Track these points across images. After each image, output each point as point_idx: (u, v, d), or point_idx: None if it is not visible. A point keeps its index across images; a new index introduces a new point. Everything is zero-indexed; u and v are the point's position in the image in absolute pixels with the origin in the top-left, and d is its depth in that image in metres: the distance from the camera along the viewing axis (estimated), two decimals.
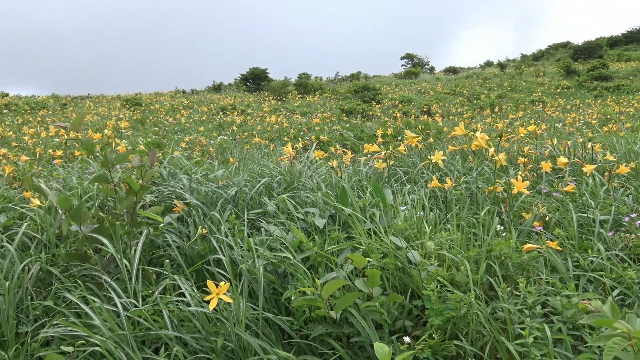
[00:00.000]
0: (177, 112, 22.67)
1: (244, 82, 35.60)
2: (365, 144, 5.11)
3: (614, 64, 37.87)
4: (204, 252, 2.75)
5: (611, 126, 11.68)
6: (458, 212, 3.17)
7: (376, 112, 22.06)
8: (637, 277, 2.25)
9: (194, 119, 20.32)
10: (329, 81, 43.69)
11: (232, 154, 8.05)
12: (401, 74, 44.83)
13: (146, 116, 21.28)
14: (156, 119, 19.98)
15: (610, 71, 32.23)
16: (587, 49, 45.54)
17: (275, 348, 1.99)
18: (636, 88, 26.96)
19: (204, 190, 3.64)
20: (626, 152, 5.64)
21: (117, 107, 25.43)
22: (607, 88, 27.37)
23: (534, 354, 1.75)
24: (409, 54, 53.31)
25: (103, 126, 14.80)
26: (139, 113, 22.58)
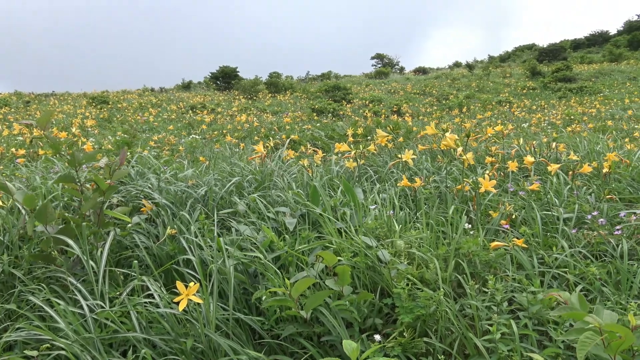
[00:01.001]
0: (146, 111, 22.30)
1: (214, 81, 35.25)
2: (336, 143, 5.12)
3: (577, 66, 38.95)
4: (173, 252, 2.71)
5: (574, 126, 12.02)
6: (427, 211, 3.21)
7: (347, 112, 22.16)
8: (598, 273, 2.32)
9: (162, 118, 20.04)
10: (299, 80, 43.67)
11: (202, 153, 7.97)
12: (371, 73, 45.11)
13: (113, 114, 20.88)
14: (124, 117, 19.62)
15: (573, 73, 33.13)
16: (551, 51, 46.74)
17: (246, 348, 1.98)
18: (598, 90, 27.79)
19: (173, 190, 3.59)
20: (589, 151, 5.81)
21: (83, 105, 24.85)
22: (571, 89, 28.12)
23: (501, 349, 1.79)
24: (379, 54, 53.74)
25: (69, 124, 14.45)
26: (106, 111, 22.13)
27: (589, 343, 1.32)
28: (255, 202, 3.23)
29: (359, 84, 36.88)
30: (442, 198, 3.74)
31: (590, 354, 1.46)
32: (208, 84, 36.33)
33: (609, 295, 2.20)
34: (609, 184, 4.02)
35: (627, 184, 4.04)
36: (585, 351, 1.30)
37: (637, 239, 2.77)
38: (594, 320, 1.37)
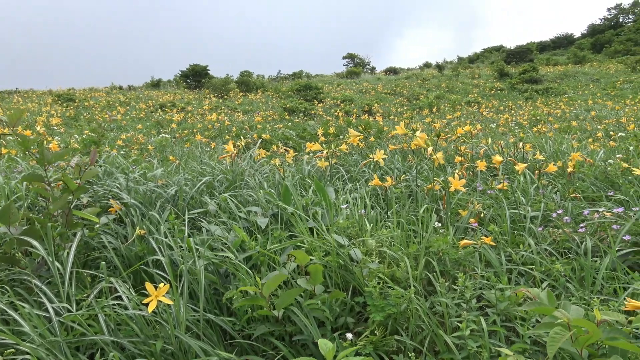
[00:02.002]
0: (114, 109, 21.88)
1: (184, 79, 34.79)
2: (307, 143, 5.13)
3: (543, 67, 39.89)
4: (142, 253, 2.67)
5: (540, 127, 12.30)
6: (398, 210, 3.23)
7: (318, 111, 22.17)
8: (563, 269, 2.38)
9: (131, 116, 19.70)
10: (271, 79, 43.49)
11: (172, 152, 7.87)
12: (343, 73, 45.26)
13: (80, 113, 20.41)
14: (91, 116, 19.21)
15: (539, 74, 33.89)
16: (518, 52, 47.77)
17: (217, 349, 1.96)
18: (563, 91, 28.51)
19: (143, 190, 3.54)
20: (554, 151, 5.96)
21: (49, 102, 24.22)
22: (537, 90, 28.78)
23: (471, 345, 1.82)
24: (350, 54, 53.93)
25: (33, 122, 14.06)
26: (73, 109, 21.61)
27: (559, 338, 1.35)
28: (227, 201, 3.20)
29: (331, 83, 36.95)
30: (413, 197, 3.78)
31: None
32: (178, 82, 35.84)
33: (573, 291, 2.26)
34: (573, 183, 4.13)
35: (590, 183, 4.15)
36: (556, 347, 1.33)
37: (600, 236, 2.85)
38: (563, 316, 1.40)
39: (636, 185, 3.86)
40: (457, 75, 37.75)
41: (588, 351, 1.46)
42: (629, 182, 3.94)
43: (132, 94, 30.43)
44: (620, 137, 8.60)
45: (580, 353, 1.43)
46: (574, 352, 1.45)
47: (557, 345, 1.34)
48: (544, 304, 1.56)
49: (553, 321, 1.43)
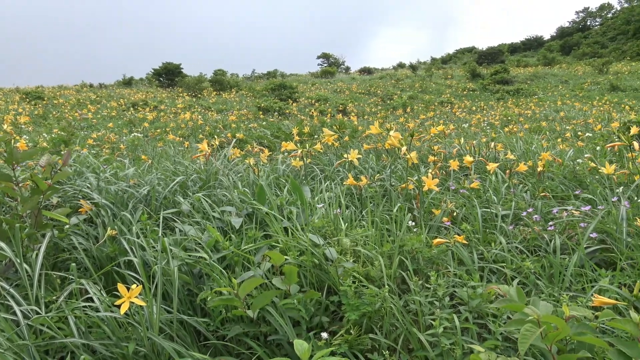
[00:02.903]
0: (84, 107, 21.44)
1: (157, 77, 34.32)
2: (282, 142, 5.12)
3: (514, 69, 40.65)
4: (113, 254, 2.63)
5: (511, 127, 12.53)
6: (373, 209, 3.25)
7: (293, 111, 22.15)
8: (533, 267, 2.43)
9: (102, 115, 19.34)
10: (245, 78, 43.28)
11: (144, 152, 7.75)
12: (317, 73, 45.30)
13: (49, 111, 19.96)
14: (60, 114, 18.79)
15: (510, 75, 34.52)
16: (490, 54, 48.58)
17: (191, 350, 1.94)
18: (533, 92, 29.09)
19: (114, 190, 3.48)
20: (524, 151, 6.08)
21: (16, 100, 23.60)
22: (508, 91, 29.30)
23: (444, 343, 1.84)
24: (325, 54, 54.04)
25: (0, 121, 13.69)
26: (41, 107, 21.11)
27: (530, 335, 1.38)
28: (200, 201, 3.17)
29: (305, 83, 36.95)
30: (387, 196, 3.81)
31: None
32: (150, 80, 35.35)
33: (543, 288, 2.31)
34: (543, 182, 4.22)
35: (559, 182, 4.25)
36: (527, 344, 1.35)
37: (568, 234, 2.92)
38: (533, 312, 1.43)
39: (603, 184, 3.97)
40: (431, 76, 38.18)
41: (557, 347, 1.49)
42: (596, 182, 4.04)
43: (104, 92, 29.90)
44: (588, 138, 8.82)
45: (550, 349, 1.46)
46: (544, 348, 1.48)
47: (528, 342, 1.36)
48: (515, 301, 1.59)
49: (523, 318, 1.46)
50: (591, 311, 1.55)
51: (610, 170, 3.62)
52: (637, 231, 2.81)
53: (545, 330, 1.42)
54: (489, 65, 42.25)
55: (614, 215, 2.93)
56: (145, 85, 35.36)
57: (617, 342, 1.44)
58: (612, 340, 1.45)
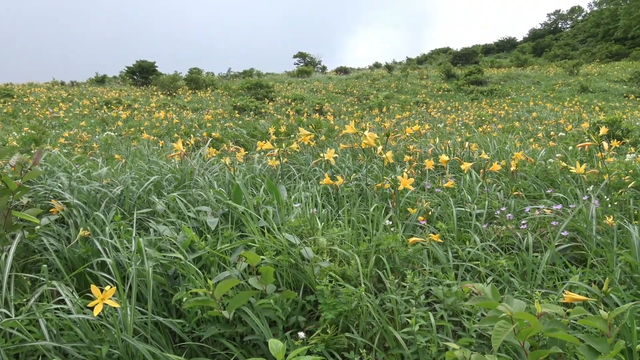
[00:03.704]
0: (55, 106, 20.99)
1: (131, 75, 33.81)
2: (258, 142, 5.09)
3: (488, 70, 41.25)
4: (86, 255, 2.58)
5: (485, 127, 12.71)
6: (349, 209, 3.26)
7: (269, 110, 22.07)
8: (507, 265, 2.47)
9: (74, 113, 18.96)
10: (221, 77, 42.96)
11: (118, 151, 7.63)
12: (294, 72, 45.24)
13: (19, 109, 19.47)
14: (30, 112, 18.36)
15: (484, 76, 35.02)
16: (464, 55, 49.23)
17: (166, 352, 1.92)
18: (506, 92, 29.57)
19: (87, 189, 3.41)
20: (498, 151, 6.17)
21: None
22: (482, 92, 29.73)
23: (420, 340, 1.86)
24: (301, 53, 53.99)
25: None
26: (10, 105, 20.59)
27: (503, 332, 1.40)
28: (175, 201, 3.14)
29: (282, 82, 36.87)
30: (364, 196, 3.82)
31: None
32: (124, 78, 34.80)
33: (517, 285, 2.35)
34: (516, 182, 4.30)
35: (531, 181, 4.33)
36: (500, 340, 1.38)
37: (540, 233, 2.98)
38: (506, 309, 1.45)
39: (573, 183, 4.05)
40: (406, 76, 38.48)
41: (529, 343, 1.52)
42: (567, 181, 4.13)
43: (76, 90, 29.32)
44: (560, 137, 9.01)
45: (523, 345, 1.49)
46: (517, 344, 1.51)
47: (501, 338, 1.38)
48: (489, 299, 1.62)
49: (497, 315, 1.48)
50: (562, 308, 1.58)
51: (581, 169, 3.71)
52: (607, 229, 2.88)
53: (518, 327, 1.45)
54: (464, 66, 42.81)
55: (584, 213, 3.00)
56: (118, 84, 34.79)
57: (587, 338, 1.47)
58: (582, 337, 1.49)
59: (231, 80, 39.70)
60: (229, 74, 45.08)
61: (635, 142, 7.50)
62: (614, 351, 1.39)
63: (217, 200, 3.27)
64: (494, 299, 1.61)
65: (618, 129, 8.25)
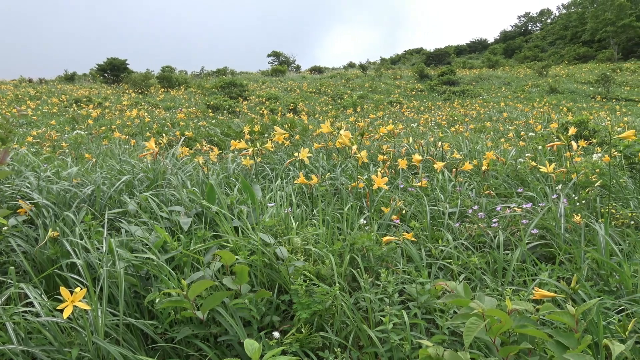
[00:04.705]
0: (23, 103, 20.47)
1: (101, 73, 33.20)
2: (232, 141, 5.06)
3: (460, 70, 41.85)
4: (55, 256, 2.52)
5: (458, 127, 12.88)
6: (324, 208, 3.27)
7: (243, 109, 21.94)
8: (479, 263, 2.51)
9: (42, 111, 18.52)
10: (194, 75, 42.54)
11: (88, 150, 7.49)
12: (268, 71, 45.11)
13: None
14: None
15: (457, 77, 35.51)
16: (437, 55, 49.82)
17: (138, 354, 1.89)
18: (478, 93, 30.04)
19: (56, 189, 3.34)
20: (470, 150, 6.26)
21: None
22: (454, 92, 30.14)
23: (393, 338, 1.88)
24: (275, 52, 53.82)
25: None
26: None
27: (475, 328, 1.42)
28: (147, 201, 3.10)
29: (256, 81, 36.70)
30: (338, 195, 3.84)
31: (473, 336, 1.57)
32: (94, 76, 34.16)
33: (488, 283, 2.39)
34: (487, 181, 4.37)
35: (503, 181, 4.41)
36: (472, 336, 1.40)
37: (511, 231, 3.04)
38: (477, 306, 1.48)
39: (543, 182, 4.14)
40: (380, 76, 38.74)
41: (500, 339, 1.54)
42: (537, 180, 4.21)
43: (44, 87, 28.64)
44: (530, 137, 9.18)
45: (494, 341, 1.51)
46: (488, 340, 1.53)
47: (472, 335, 1.41)
48: (461, 296, 1.64)
49: (469, 312, 1.50)
50: (532, 304, 1.61)
51: (550, 169, 3.79)
52: (574, 227, 2.95)
53: (489, 324, 1.47)
54: (436, 67, 43.33)
55: (553, 212, 3.07)
56: (88, 81, 34.12)
57: (555, 334, 1.51)
58: (551, 332, 1.52)
59: (204, 78, 39.34)
60: (202, 72, 44.66)
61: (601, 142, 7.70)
62: (582, 346, 1.42)
63: (191, 200, 3.24)
64: (466, 297, 1.63)
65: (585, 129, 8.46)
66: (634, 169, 4.76)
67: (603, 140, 7.83)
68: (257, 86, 33.24)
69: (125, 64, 32.95)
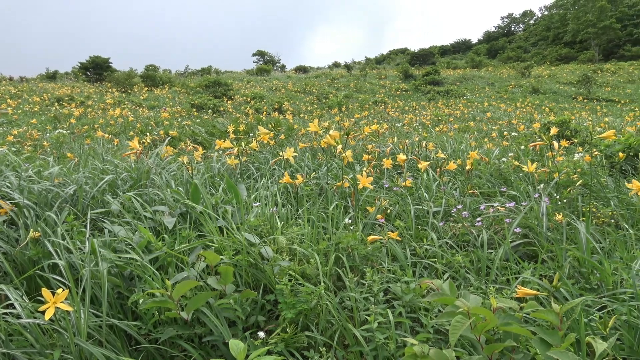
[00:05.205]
0: (3, 102, 20.14)
1: (84, 72, 32.78)
2: (217, 140, 5.03)
3: (444, 70, 42.15)
4: (36, 257, 2.48)
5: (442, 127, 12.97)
6: (309, 207, 3.27)
7: (228, 108, 21.83)
8: (463, 261, 2.53)
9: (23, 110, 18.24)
10: (178, 74, 42.24)
11: (70, 149, 7.39)
12: (253, 70, 44.97)
13: None
14: None
15: (441, 77, 35.75)
16: (422, 55, 50.10)
17: (121, 355, 1.88)
18: (462, 93, 30.28)
19: (37, 189, 3.29)
20: (454, 150, 6.31)
21: None
22: (439, 92, 30.35)
23: (378, 337, 1.88)
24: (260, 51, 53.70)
25: None
26: None
27: (461, 326, 1.43)
28: (131, 201, 3.07)
29: (240, 80, 36.56)
30: (323, 194, 3.84)
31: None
32: (77, 74, 33.74)
33: (472, 281, 2.40)
34: (471, 180, 4.40)
35: (486, 180, 4.44)
36: (458, 334, 1.41)
37: (494, 230, 3.06)
38: (463, 305, 1.49)
39: (526, 181, 4.19)
40: (365, 76, 38.84)
41: (485, 337, 1.56)
42: (520, 179, 4.26)
43: (25, 86, 28.20)
44: (513, 137, 9.28)
45: (479, 339, 1.52)
46: (473, 338, 1.54)
47: (459, 333, 1.42)
48: (446, 295, 1.65)
49: (455, 310, 1.51)
50: (516, 302, 1.63)
51: (532, 168, 3.83)
52: (556, 226, 2.99)
53: (474, 322, 1.49)
54: (421, 67, 43.57)
55: (535, 211, 3.10)
56: (71, 80, 33.70)
57: (539, 331, 1.52)
58: (535, 329, 1.54)
59: (189, 77, 39.08)
60: (186, 71, 44.38)
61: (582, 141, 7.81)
62: (565, 343, 1.44)
63: (175, 199, 3.22)
64: (452, 295, 1.64)
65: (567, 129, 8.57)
66: (614, 168, 4.84)
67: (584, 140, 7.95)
68: (242, 85, 33.11)
69: (109, 63, 32.59)
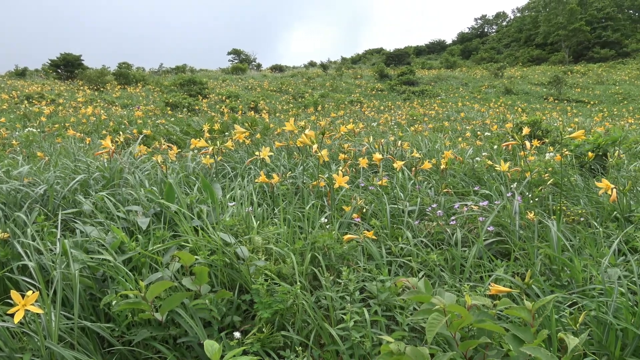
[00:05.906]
0: None
1: (55, 69, 32.06)
2: (192, 139, 4.99)
3: (419, 71, 42.54)
4: (5, 259, 2.42)
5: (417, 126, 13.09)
6: (285, 207, 3.26)
7: (203, 107, 21.62)
8: (438, 260, 2.56)
9: None
10: (152, 72, 41.69)
11: (40, 148, 7.23)
12: (228, 69, 44.64)
13: None
14: None
15: (416, 77, 36.07)
16: (397, 55, 50.45)
17: (94, 358, 1.84)
18: (436, 93, 30.61)
19: (6, 189, 3.21)
20: (429, 149, 6.37)
21: None
22: (414, 92, 30.61)
23: (354, 336, 1.89)
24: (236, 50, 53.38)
25: None
26: None
27: (437, 323, 1.45)
28: (104, 200, 3.01)
29: (216, 79, 36.27)
30: (299, 194, 3.83)
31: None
32: (47, 72, 32.98)
33: (447, 279, 2.43)
34: (445, 179, 4.45)
35: (460, 179, 4.50)
36: (434, 331, 1.42)
37: (468, 228, 3.11)
38: (439, 302, 1.50)
39: (498, 180, 4.25)
40: (341, 75, 38.93)
41: (460, 334, 1.58)
42: (493, 178, 4.33)
43: None
44: (486, 137, 9.42)
45: (454, 336, 1.54)
46: (448, 335, 1.56)
47: (435, 330, 1.43)
48: (422, 293, 1.66)
49: (430, 308, 1.53)
50: (489, 299, 1.65)
51: (505, 167, 3.90)
52: (528, 224, 3.04)
53: (450, 319, 1.50)
54: (396, 67, 43.87)
55: (508, 209, 3.16)
56: (41, 77, 32.93)
57: (512, 328, 1.55)
58: (508, 326, 1.56)
59: (163, 76, 38.58)
60: (160, 69, 43.84)
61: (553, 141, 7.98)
62: (538, 340, 1.47)
63: (149, 199, 3.17)
64: (427, 293, 1.66)
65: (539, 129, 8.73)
66: (584, 167, 4.96)
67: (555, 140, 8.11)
68: (217, 84, 32.85)
69: (80, 60, 31.94)
